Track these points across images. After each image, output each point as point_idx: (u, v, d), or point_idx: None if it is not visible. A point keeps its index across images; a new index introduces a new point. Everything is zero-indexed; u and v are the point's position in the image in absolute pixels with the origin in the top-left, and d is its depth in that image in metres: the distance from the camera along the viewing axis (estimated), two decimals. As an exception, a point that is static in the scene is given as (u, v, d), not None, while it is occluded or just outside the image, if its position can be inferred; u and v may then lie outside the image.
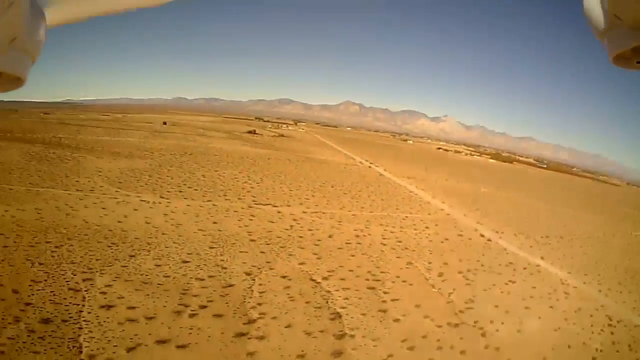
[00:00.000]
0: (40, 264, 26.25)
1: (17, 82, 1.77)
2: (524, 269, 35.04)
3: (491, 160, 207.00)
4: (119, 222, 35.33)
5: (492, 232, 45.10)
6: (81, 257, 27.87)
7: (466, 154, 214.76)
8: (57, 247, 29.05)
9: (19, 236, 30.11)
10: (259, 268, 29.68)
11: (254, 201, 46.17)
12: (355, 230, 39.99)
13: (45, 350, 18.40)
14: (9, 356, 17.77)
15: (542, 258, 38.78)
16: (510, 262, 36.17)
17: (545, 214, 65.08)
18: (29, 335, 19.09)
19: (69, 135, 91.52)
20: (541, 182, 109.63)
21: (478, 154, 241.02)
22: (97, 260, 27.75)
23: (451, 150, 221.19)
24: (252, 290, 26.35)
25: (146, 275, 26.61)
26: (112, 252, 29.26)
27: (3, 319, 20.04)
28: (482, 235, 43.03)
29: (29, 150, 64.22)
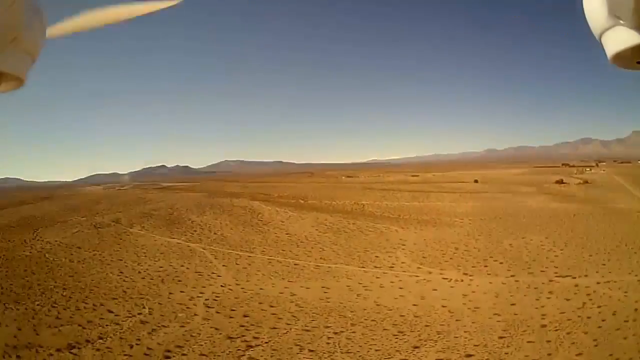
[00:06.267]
0: (310, 350, 24.59)
1: (17, 82, 1.76)
2: None
3: None
4: (413, 305, 31.49)
5: None
6: (360, 346, 25.01)
7: None
8: (336, 333, 26.85)
9: (294, 317, 29.17)
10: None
11: (555, 274, 37.26)
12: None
13: None
14: None
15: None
16: None
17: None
18: None
19: (372, 201, 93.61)
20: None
21: None
22: (376, 351, 24.26)
23: None
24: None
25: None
26: (395, 342, 25.40)
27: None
28: None
29: (325, 220, 66.75)
